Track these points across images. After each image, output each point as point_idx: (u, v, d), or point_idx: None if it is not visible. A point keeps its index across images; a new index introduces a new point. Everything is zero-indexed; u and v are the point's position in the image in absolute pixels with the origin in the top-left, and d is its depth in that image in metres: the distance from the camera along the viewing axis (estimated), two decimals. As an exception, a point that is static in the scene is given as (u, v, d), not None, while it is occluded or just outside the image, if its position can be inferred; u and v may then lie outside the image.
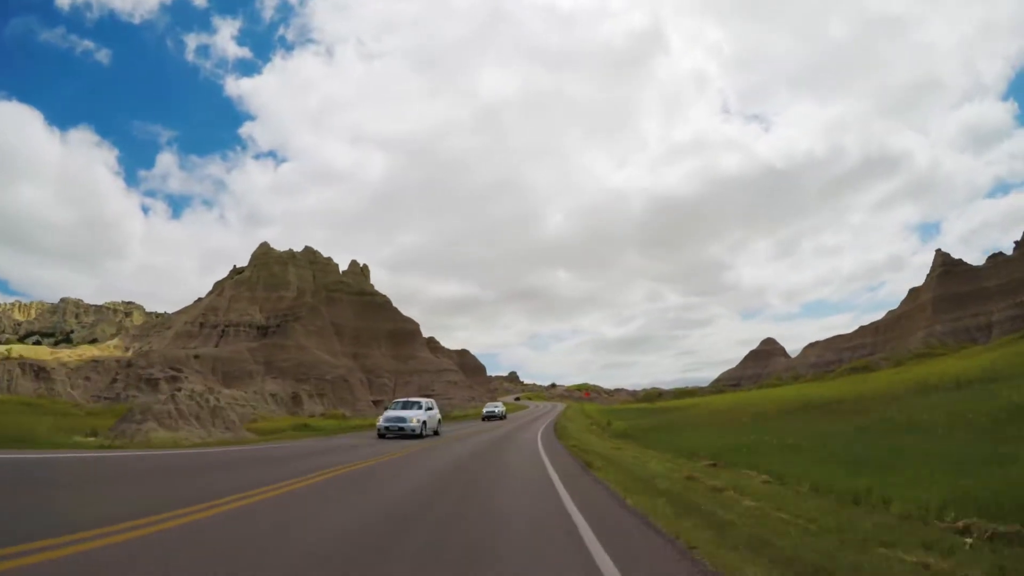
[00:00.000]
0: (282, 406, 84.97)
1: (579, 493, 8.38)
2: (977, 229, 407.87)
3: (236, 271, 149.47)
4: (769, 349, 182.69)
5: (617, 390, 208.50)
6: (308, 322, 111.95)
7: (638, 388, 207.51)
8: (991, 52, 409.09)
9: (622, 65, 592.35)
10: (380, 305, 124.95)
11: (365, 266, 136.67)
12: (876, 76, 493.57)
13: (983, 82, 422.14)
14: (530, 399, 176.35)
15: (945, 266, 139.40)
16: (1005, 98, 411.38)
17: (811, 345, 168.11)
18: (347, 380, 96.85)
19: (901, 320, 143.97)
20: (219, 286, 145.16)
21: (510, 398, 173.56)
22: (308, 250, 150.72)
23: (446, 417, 43.60)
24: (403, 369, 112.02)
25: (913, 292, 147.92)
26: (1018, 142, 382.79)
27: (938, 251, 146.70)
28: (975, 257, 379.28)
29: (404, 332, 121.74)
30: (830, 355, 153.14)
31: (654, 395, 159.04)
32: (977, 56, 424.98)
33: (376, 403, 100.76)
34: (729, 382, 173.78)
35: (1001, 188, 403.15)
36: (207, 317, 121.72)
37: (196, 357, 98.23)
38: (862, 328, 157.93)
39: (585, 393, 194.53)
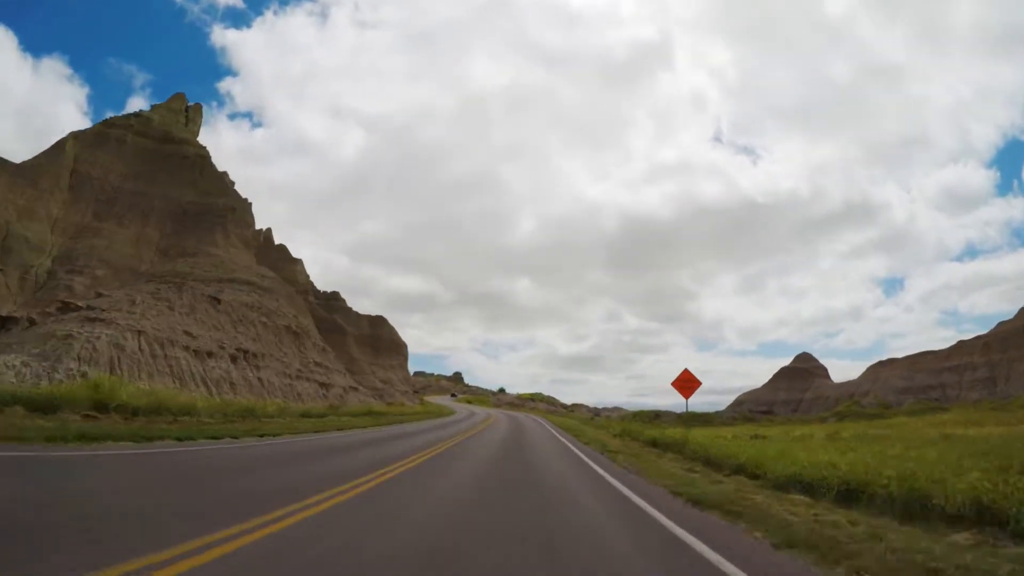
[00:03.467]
0: None
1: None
2: (937, 290, 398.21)
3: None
4: (807, 368, 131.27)
5: (576, 405, 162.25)
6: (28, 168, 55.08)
7: (599, 405, 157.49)
8: (984, 118, 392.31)
9: (621, 75, 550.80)
10: (186, 161, 69.11)
11: (196, 106, 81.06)
12: (868, 123, 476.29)
13: (971, 146, 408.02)
14: (469, 402, 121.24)
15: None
16: (989, 166, 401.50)
17: (881, 364, 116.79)
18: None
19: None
20: None
21: (446, 398, 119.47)
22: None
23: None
24: (160, 270, 55.86)
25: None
26: (993, 210, 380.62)
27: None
28: (932, 317, 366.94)
29: (207, 210, 65.92)
30: (924, 378, 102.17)
31: (648, 416, 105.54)
32: (970, 119, 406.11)
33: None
34: (756, 406, 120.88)
35: (969, 252, 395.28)
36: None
37: None
38: (961, 344, 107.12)
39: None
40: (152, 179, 64.06)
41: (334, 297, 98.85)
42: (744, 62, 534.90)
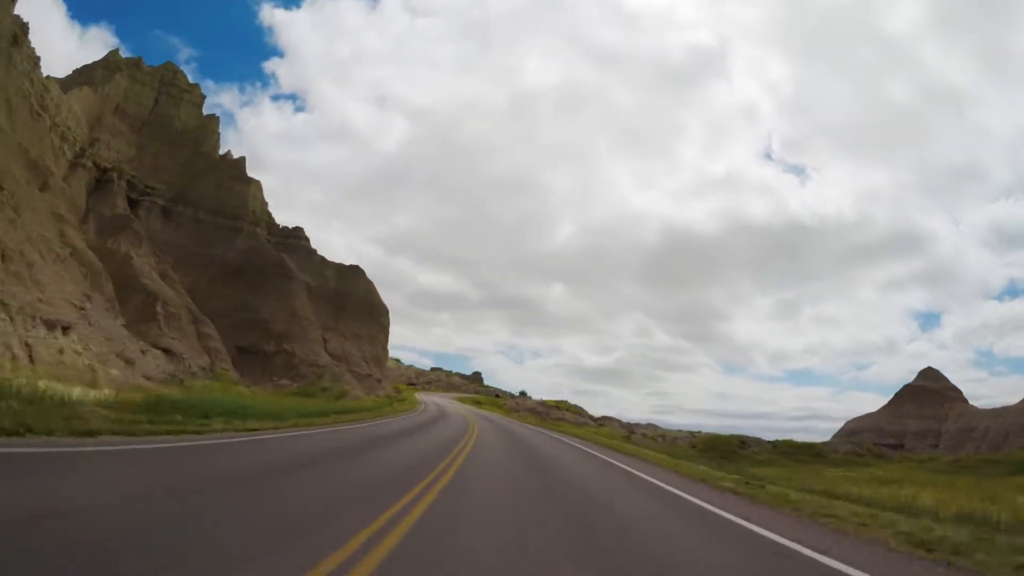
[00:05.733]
0: None
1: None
2: (974, 329, 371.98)
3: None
4: (938, 388, 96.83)
5: (605, 418, 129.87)
6: None
7: (625, 420, 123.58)
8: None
9: (675, 80, 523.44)
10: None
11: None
12: (923, 150, 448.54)
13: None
14: (478, 404, 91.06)
15: None
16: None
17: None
18: None
19: None
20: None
21: (445, 397, 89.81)
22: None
23: None
24: None
25: None
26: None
27: None
28: (966, 357, 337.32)
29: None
30: None
31: (731, 444, 71.34)
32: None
33: None
34: (880, 438, 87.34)
35: (1010, 291, 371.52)
36: None
37: None
38: None
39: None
40: None
41: (295, 234, 71.40)
42: (800, 76, 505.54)
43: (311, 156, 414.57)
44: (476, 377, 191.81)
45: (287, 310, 55.55)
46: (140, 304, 43.44)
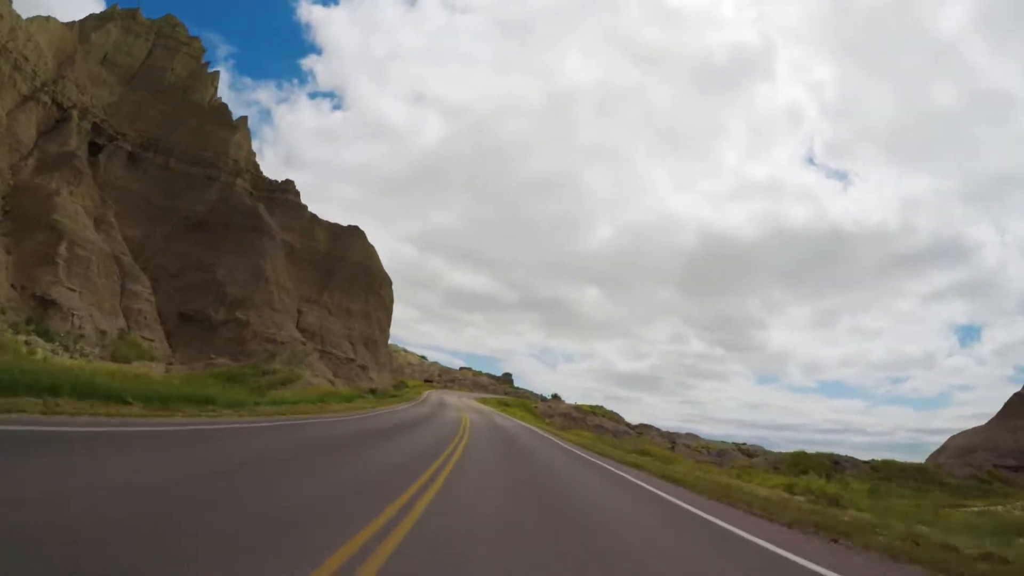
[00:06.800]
0: None
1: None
2: (1015, 344, 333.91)
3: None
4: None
5: (643, 425, 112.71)
6: None
7: (667, 428, 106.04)
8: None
9: (717, 80, 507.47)
10: None
11: None
12: (969, 156, 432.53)
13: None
14: (505, 407, 76.56)
15: None
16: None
17: None
18: None
19: None
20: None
21: (471, 397, 77.34)
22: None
23: None
24: None
25: None
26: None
27: None
28: (1004, 373, 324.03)
29: None
30: None
31: (823, 465, 56.81)
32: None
33: None
34: (998, 457, 71.61)
35: None
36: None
37: None
38: None
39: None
40: None
41: (283, 188, 60.32)
42: (845, 79, 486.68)
43: (348, 153, 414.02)
44: (506, 378, 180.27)
45: (251, 271, 44.30)
46: (41, 243, 33.10)
